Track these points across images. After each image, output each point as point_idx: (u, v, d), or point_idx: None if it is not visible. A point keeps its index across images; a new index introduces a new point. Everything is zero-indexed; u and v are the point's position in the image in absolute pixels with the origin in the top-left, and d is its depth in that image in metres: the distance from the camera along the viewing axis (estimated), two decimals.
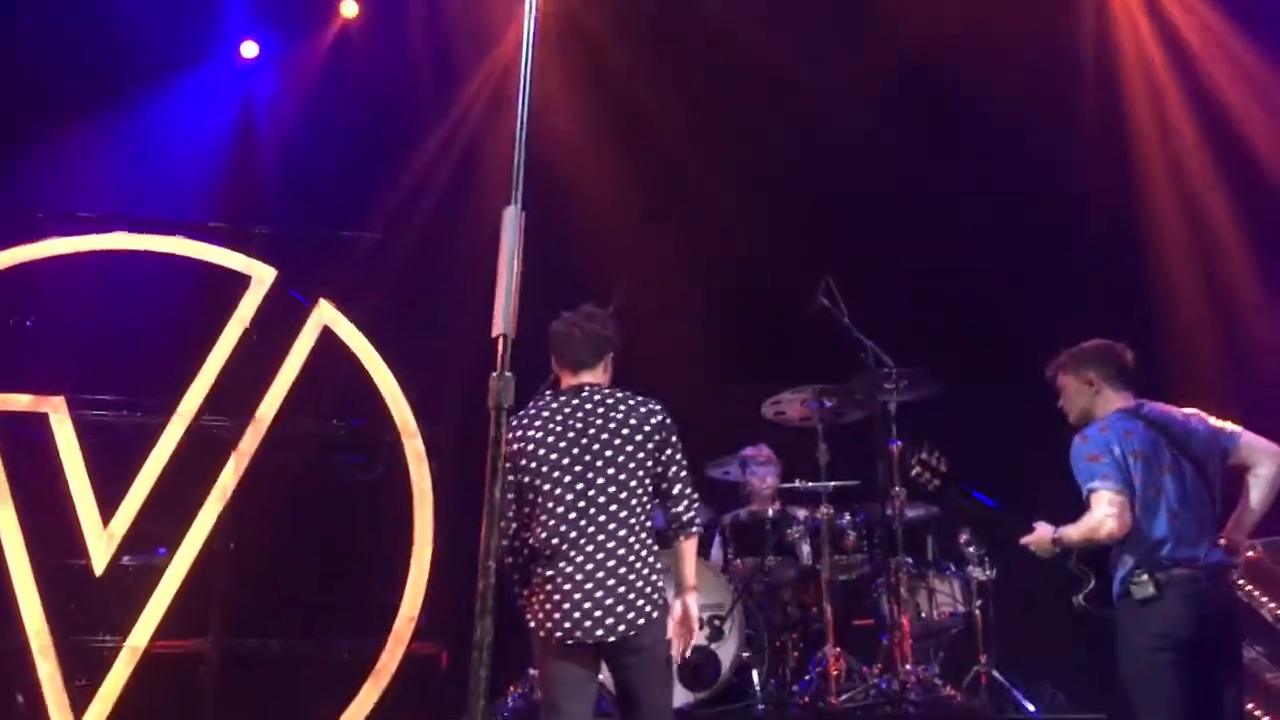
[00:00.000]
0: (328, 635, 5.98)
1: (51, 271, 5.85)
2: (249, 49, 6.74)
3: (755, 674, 5.75)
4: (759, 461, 6.31)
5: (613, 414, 3.87)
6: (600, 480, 3.80)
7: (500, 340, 2.77)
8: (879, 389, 5.87)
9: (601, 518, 3.78)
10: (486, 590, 2.81)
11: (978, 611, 5.83)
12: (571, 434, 3.86)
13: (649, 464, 3.84)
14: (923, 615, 5.84)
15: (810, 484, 6.08)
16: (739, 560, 6.12)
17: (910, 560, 5.92)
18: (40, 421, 5.73)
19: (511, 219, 2.81)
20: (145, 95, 6.56)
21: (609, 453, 3.82)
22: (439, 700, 5.89)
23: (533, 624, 3.80)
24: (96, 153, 6.31)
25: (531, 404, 3.96)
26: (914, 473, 4.50)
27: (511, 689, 5.49)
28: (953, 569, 6.00)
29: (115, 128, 6.39)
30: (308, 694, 5.78)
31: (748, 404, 6.24)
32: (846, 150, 6.54)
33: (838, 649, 5.71)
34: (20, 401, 5.76)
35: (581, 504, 3.79)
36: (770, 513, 6.13)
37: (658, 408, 3.93)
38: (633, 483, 3.82)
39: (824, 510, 5.96)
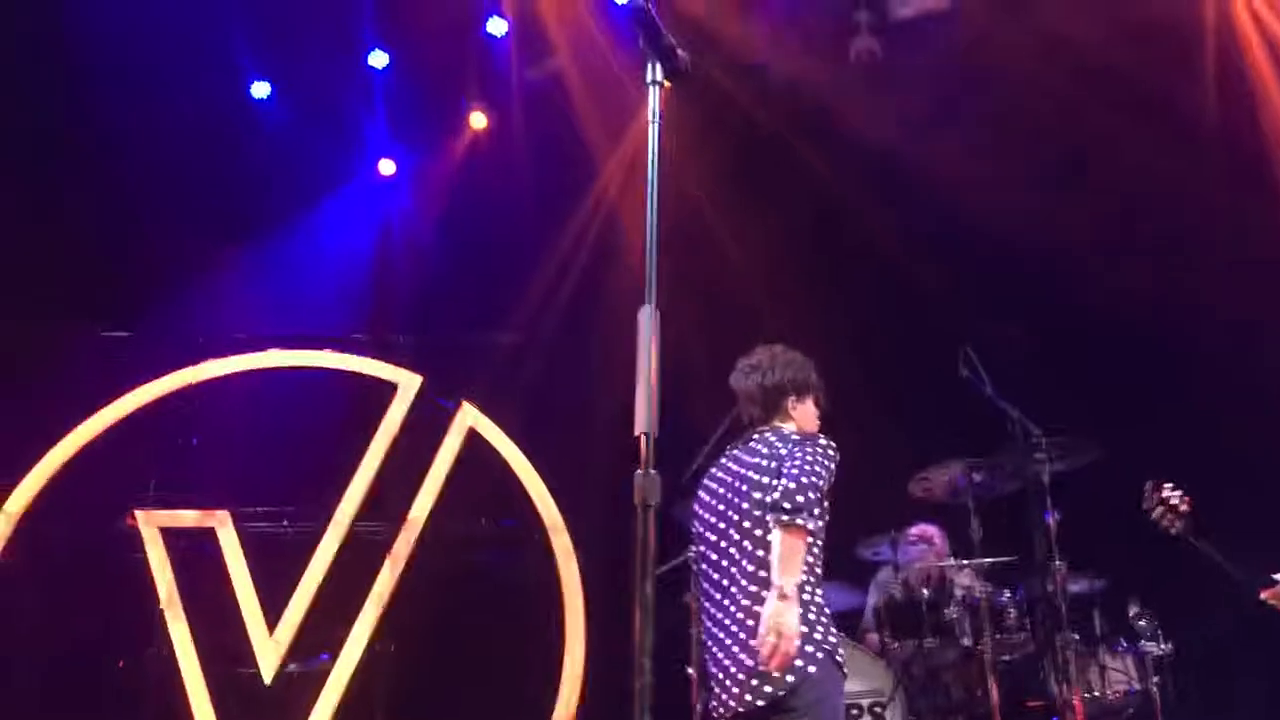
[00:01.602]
0: None
1: (211, 391, 6.14)
2: (386, 167, 7.03)
3: None
4: (909, 540, 6.16)
5: (752, 455, 3.65)
6: (734, 533, 3.58)
7: (642, 439, 2.80)
8: (1030, 459, 5.70)
9: (734, 570, 3.54)
10: (643, 690, 2.80)
11: (1154, 689, 5.54)
12: (714, 491, 3.74)
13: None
14: (1095, 695, 5.57)
15: (965, 562, 5.90)
16: (896, 644, 5.95)
17: (1077, 637, 5.67)
18: (207, 536, 5.98)
19: (647, 318, 2.85)
20: (291, 218, 6.89)
21: (740, 502, 3.60)
22: None
23: None
24: (248, 275, 6.64)
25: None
26: (1155, 514, 4.06)
27: None
28: (1124, 644, 5.72)
29: (265, 250, 6.72)
30: None
31: (895, 482, 6.12)
32: (983, 214, 6.44)
33: None
34: (188, 518, 6.02)
35: (721, 562, 3.59)
36: (926, 593, 5.97)
37: (792, 434, 3.64)
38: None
39: (982, 588, 5.77)
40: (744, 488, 3.63)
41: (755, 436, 3.76)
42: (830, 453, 3.62)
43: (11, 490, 5.83)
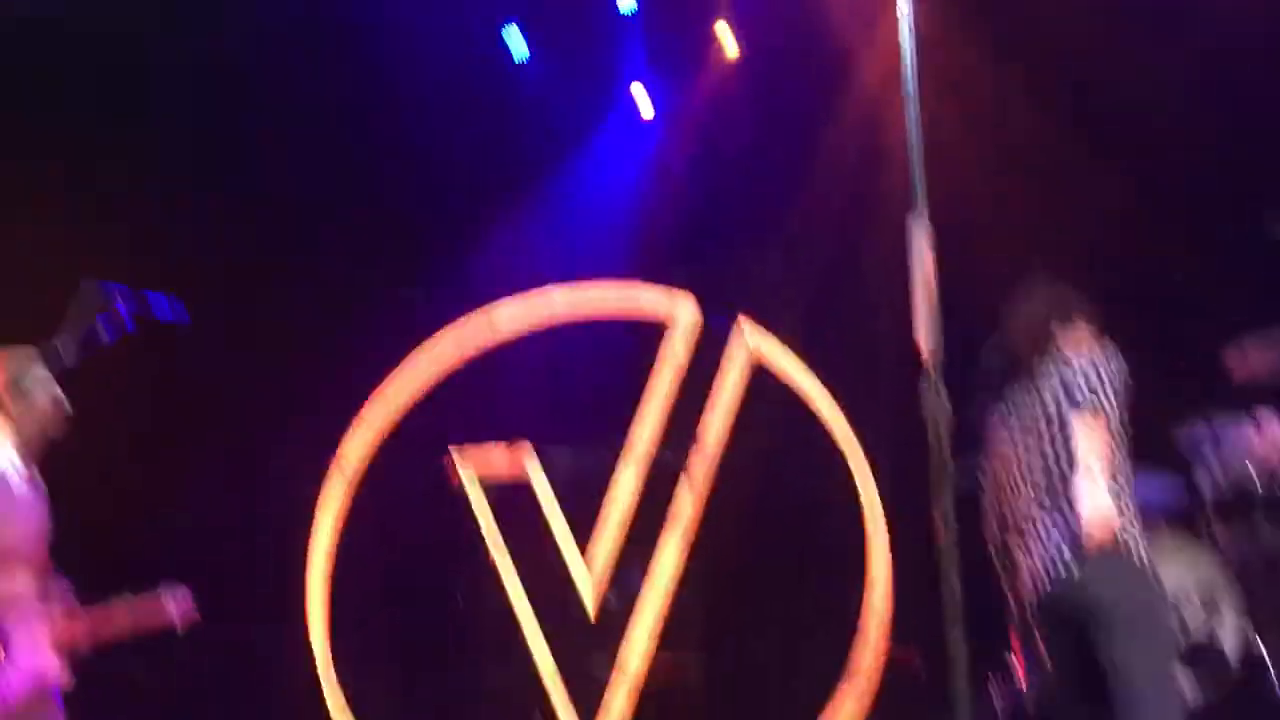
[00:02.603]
0: (803, 641, 6.12)
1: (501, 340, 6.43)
2: (646, 109, 7.11)
3: (1268, 658, 5.22)
4: (1246, 430, 5.69)
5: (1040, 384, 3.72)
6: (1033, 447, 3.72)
7: (926, 354, 2.75)
8: None
9: (1033, 474, 3.69)
10: (951, 597, 2.78)
11: None
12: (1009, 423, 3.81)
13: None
14: None
15: None
16: (1227, 535, 5.59)
17: None
18: (517, 471, 6.29)
19: (917, 227, 2.78)
20: (557, 165, 7.09)
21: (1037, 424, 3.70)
22: (917, 705, 5.87)
23: None
24: (521, 226, 6.90)
25: None
26: None
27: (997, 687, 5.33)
28: None
29: (536, 200, 6.96)
30: (792, 693, 5.95)
31: (1208, 364, 5.71)
32: None
33: None
34: (498, 454, 6.30)
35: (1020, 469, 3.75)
36: (1259, 480, 5.54)
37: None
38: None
39: None
40: (1038, 412, 3.65)
41: (1038, 370, 3.74)
42: (1111, 353, 3.67)
43: (339, 443, 6.29)
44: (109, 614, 3.91)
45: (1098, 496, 3.42)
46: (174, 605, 4.00)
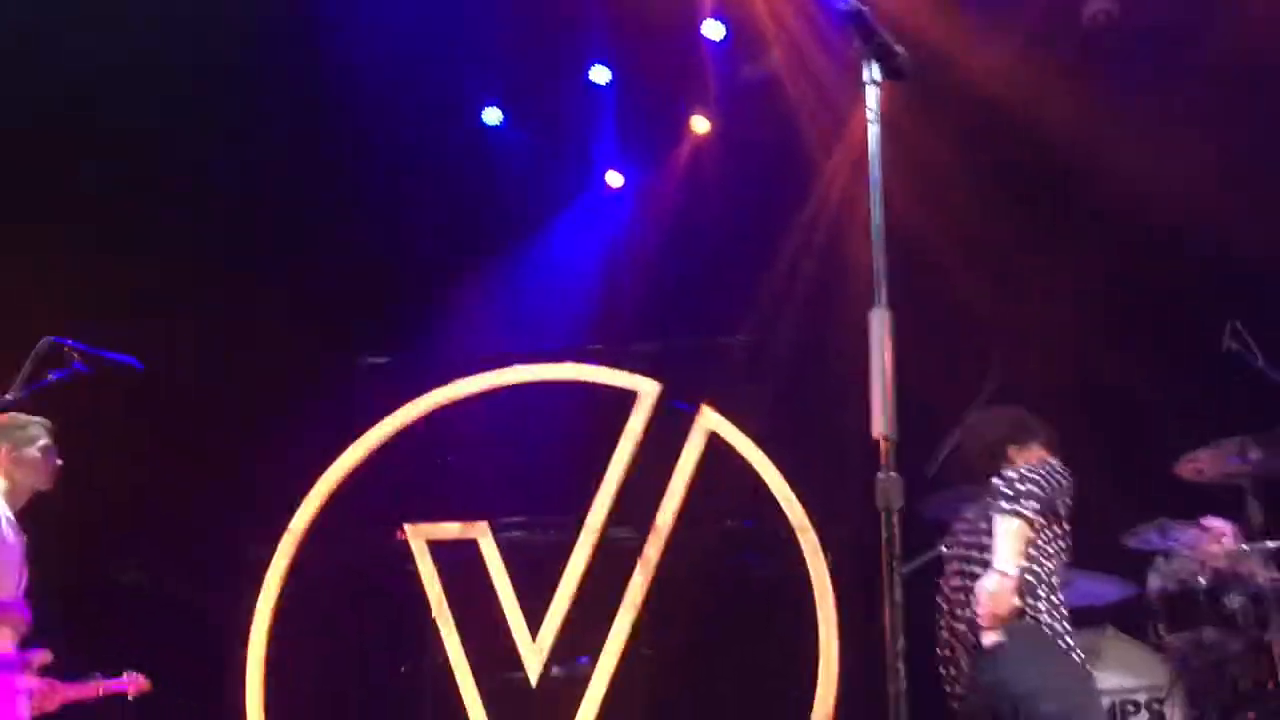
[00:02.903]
0: None
1: (460, 410, 6.43)
2: (614, 179, 7.17)
3: None
4: (1196, 530, 5.75)
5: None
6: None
7: (881, 441, 2.77)
8: None
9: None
10: (898, 696, 2.77)
11: None
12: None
13: None
14: None
15: (1246, 546, 5.51)
16: (1172, 636, 5.63)
17: None
18: (469, 548, 6.26)
19: (878, 320, 2.81)
20: (526, 236, 7.14)
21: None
22: None
23: None
24: (489, 295, 6.92)
25: None
26: None
27: None
28: None
29: (504, 270, 6.99)
30: None
31: (1161, 466, 5.79)
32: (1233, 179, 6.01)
33: None
34: (452, 530, 6.32)
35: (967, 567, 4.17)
36: (1203, 581, 5.60)
37: None
38: None
39: (1266, 574, 5.37)
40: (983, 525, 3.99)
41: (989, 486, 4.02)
42: (1054, 467, 3.97)
43: (291, 513, 6.25)
44: (80, 689, 4.20)
45: (993, 578, 3.72)
46: (133, 684, 4.64)
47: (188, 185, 6.68)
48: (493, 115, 7.16)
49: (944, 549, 4.45)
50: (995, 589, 3.72)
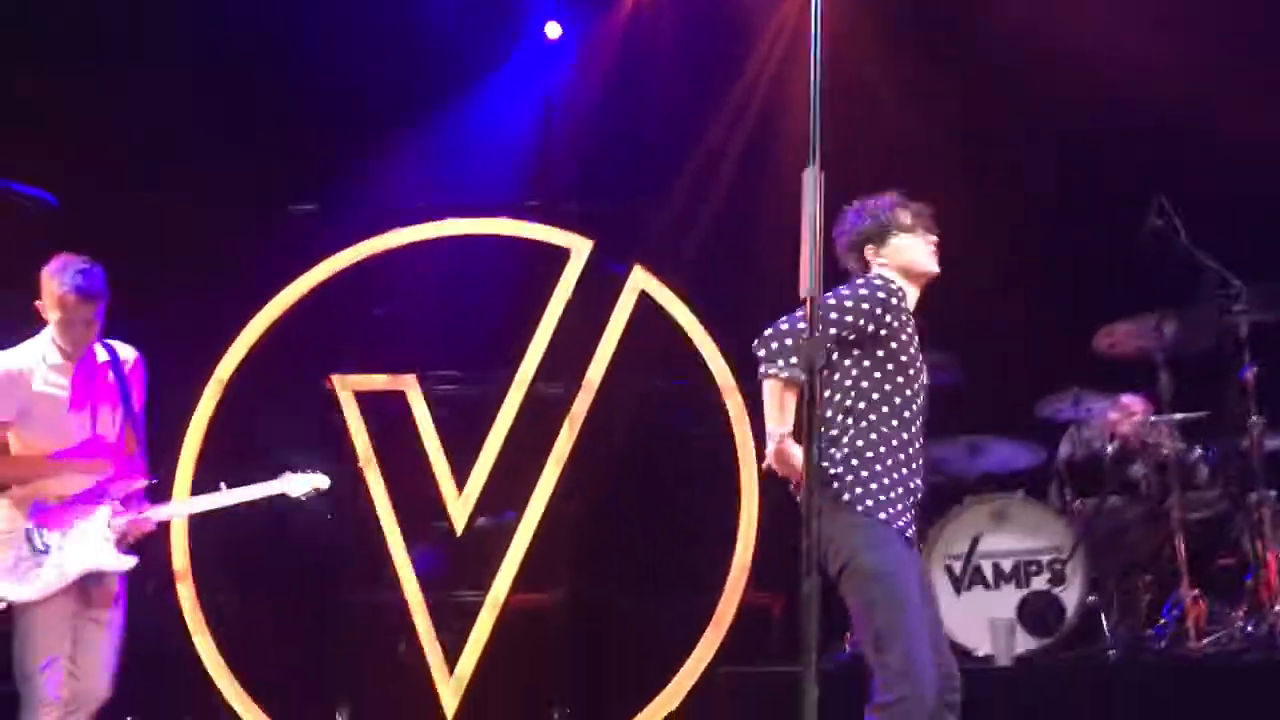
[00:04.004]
0: (666, 586, 6.24)
1: (393, 262, 6.37)
2: (553, 30, 6.99)
3: (1104, 619, 5.51)
4: (1111, 407, 5.92)
5: None
6: None
7: (808, 302, 2.79)
8: (1225, 311, 5.43)
9: None
10: (810, 549, 2.85)
11: None
12: None
13: None
14: None
15: (1153, 418, 5.71)
16: (1078, 502, 5.86)
17: (1274, 494, 5.45)
18: (397, 400, 6.28)
19: (811, 180, 2.81)
20: (463, 88, 6.96)
21: None
22: (775, 647, 6.04)
23: None
24: (424, 148, 6.77)
25: None
26: None
27: (847, 635, 5.52)
28: None
29: (437, 126, 6.83)
30: (650, 642, 6.07)
31: (1079, 337, 5.93)
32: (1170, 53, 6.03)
33: (1195, 591, 5.36)
34: (379, 381, 6.33)
35: None
36: (1109, 450, 5.82)
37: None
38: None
39: (1169, 444, 5.59)
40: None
41: None
42: (861, 290, 3.54)
43: (218, 360, 6.20)
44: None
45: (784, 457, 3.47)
46: None
47: (122, 28, 6.41)
48: None
49: None
50: (770, 453, 3.49)
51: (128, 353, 4.50)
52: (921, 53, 6.44)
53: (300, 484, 4.57)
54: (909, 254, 3.67)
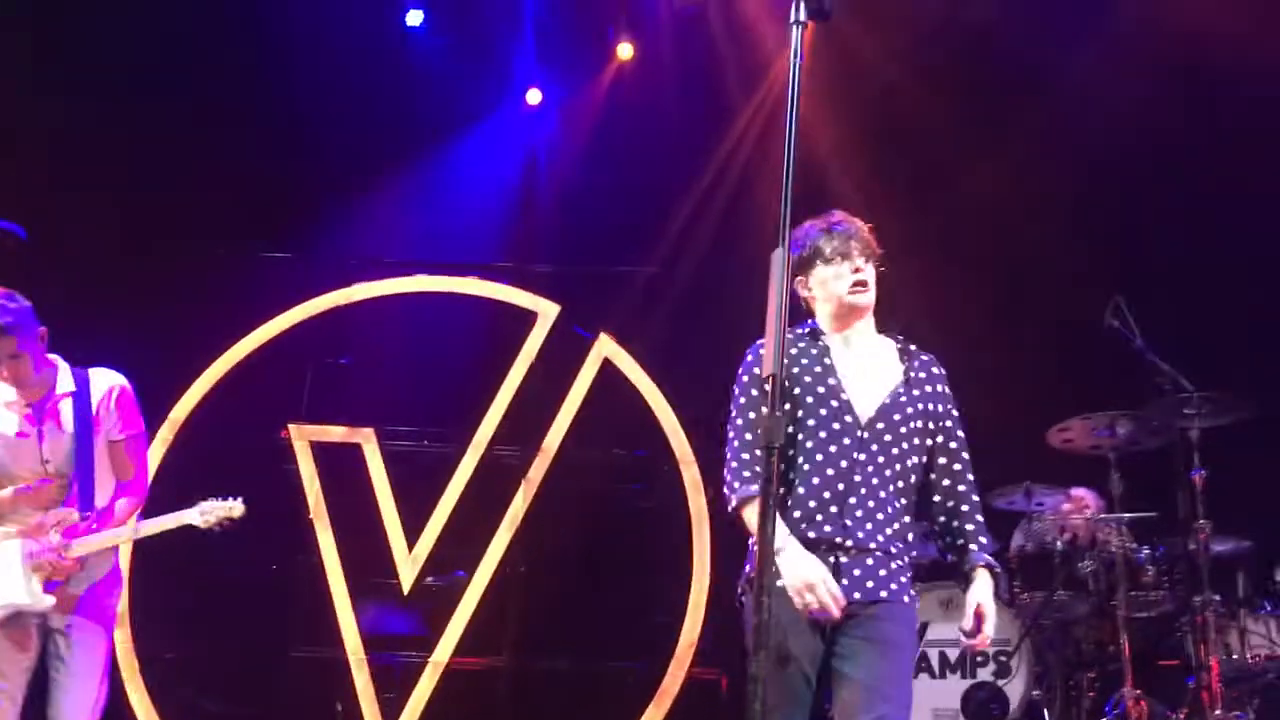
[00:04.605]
0: (612, 655, 6.19)
1: (360, 314, 6.38)
2: (533, 96, 7.09)
3: (1046, 714, 5.52)
4: (1062, 499, 5.99)
5: None
6: None
7: (770, 380, 2.81)
8: (1178, 415, 5.52)
9: None
10: (762, 626, 2.84)
11: None
12: None
13: None
14: (1234, 657, 5.42)
15: (1103, 515, 5.77)
16: (1026, 594, 5.89)
17: (1218, 598, 5.50)
18: (353, 452, 6.24)
19: (780, 261, 2.85)
20: (440, 147, 7.03)
21: None
22: None
23: None
24: (398, 201, 6.81)
25: None
26: None
27: None
28: (1268, 608, 5.55)
29: (413, 179, 6.88)
30: (594, 711, 6.00)
31: (1034, 432, 6.00)
32: (1134, 156, 6.19)
33: (1138, 690, 5.38)
34: (336, 433, 6.30)
35: None
36: (1060, 545, 5.87)
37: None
38: None
39: (1119, 543, 5.64)
40: None
41: None
42: (742, 378, 3.37)
43: (176, 400, 6.16)
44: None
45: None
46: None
47: (97, 72, 6.43)
48: (415, 17, 7.01)
49: None
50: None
51: (103, 381, 4.23)
52: (880, 156, 6.54)
53: (214, 512, 4.26)
54: (830, 286, 3.39)
